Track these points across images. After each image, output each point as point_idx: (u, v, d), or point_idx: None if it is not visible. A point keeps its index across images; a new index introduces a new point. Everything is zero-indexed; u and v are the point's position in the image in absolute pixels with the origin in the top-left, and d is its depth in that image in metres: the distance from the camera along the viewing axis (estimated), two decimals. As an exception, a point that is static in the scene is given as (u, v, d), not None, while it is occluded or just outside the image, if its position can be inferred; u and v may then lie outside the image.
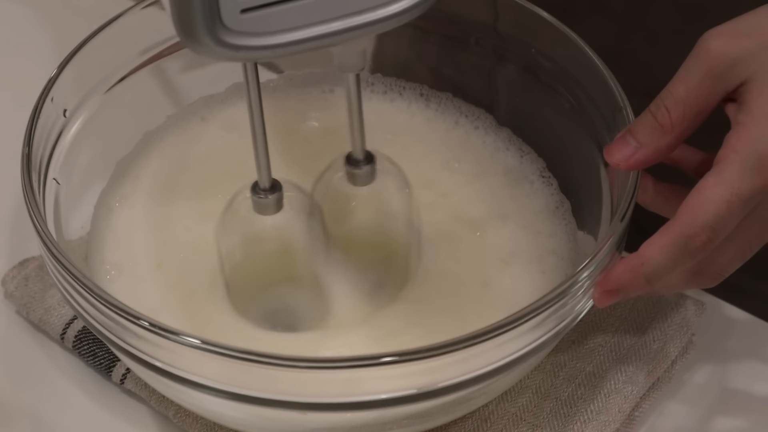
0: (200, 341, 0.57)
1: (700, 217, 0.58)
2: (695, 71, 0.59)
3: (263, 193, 0.62)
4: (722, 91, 0.59)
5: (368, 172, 0.64)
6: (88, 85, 0.70)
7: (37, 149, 0.65)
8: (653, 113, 0.60)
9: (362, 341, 0.65)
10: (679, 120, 0.60)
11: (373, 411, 0.59)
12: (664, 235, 0.59)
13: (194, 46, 0.52)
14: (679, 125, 0.60)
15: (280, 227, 0.64)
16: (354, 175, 0.64)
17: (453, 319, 0.66)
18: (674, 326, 0.71)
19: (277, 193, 0.62)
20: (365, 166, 0.63)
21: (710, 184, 0.58)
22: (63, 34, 0.73)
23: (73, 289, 0.60)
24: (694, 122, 0.60)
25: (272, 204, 0.62)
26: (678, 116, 0.60)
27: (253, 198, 0.62)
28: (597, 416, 0.68)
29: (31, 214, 0.62)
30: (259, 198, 0.62)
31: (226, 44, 0.52)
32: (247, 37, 0.52)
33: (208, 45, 0.52)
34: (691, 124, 0.60)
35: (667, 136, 0.60)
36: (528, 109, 0.74)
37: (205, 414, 0.66)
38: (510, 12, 0.72)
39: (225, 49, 0.52)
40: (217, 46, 0.52)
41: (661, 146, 0.61)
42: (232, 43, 0.52)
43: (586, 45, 0.69)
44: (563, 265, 0.69)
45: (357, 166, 0.63)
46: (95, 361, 0.70)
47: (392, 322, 0.66)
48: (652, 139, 0.61)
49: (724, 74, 0.59)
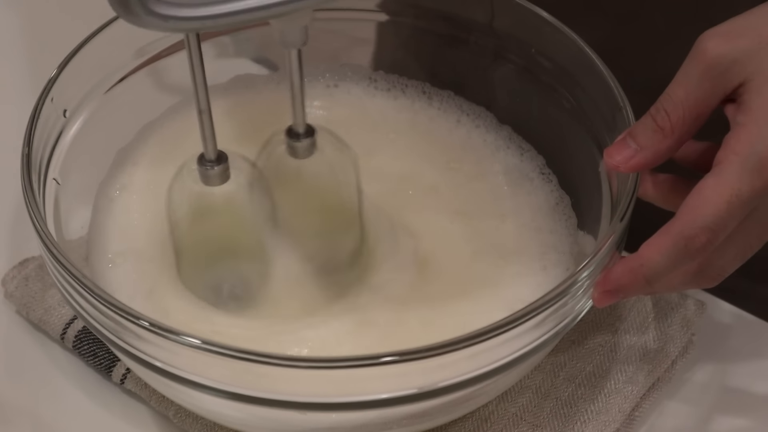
0: (200, 341, 0.57)
1: (699, 219, 0.58)
2: (693, 74, 0.59)
3: (209, 164, 0.63)
4: (721, 93, 0.59)
5: (308, 145, 0.64)
6: (88, 85, 0.70)
7: (37, 149, 0.65)
8: (653, 116, 0.61)
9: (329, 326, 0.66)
10: (679, 123, 0.60)
11: (373, 411, 0.59)
12: (663, 236, 0.59)
13: (126, 15, 0.53)
14: (679, 128, 0.60)
15: (226, 198, 0.64)
16: (294, 147, 0.64)
17: (454, 317, 0.66)
18: (674, 326, 0.71)
19: (223, 164, 0.63)
20: (305, 139, 0.64)
21: (710, 186, 0.58)
22: (63, 34, 0.72)
23: (73, 289, 0.60)
24: (694, 125, 0.60)
25: (218, 174, 0.63)
26: (678, 119, 0.60)
27: (199, 169, 0.63)
28: (597, 416, 0.68)
29: (31, 214, 0.62)
30: (206, 169, 0.63)
31: (156, 14, 0.53)
32: (176, 8, 0.53)
33: (139, 15, 0.53)
34: (691, 127, 0.60)
35: (667, 140, 0.61)
36: (528, 108, 0.74)
37: (205, 414, 0.66)
38: (510, 12, 0.72)
39: (155, 18, 0.53)
40: (147, 15, 0.53)
41: (661, 149, 0.61)
42: (161, 13, 0.53)
43: (586, 45, 0.69)
44: (564, 260, 0.69)
45: (297, 138, 0.64)
46: (95, 361, 0.70)
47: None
48: (653, 142, 0.61)
49: (722, 75, 0.59)
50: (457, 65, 0.76)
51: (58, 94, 0.67)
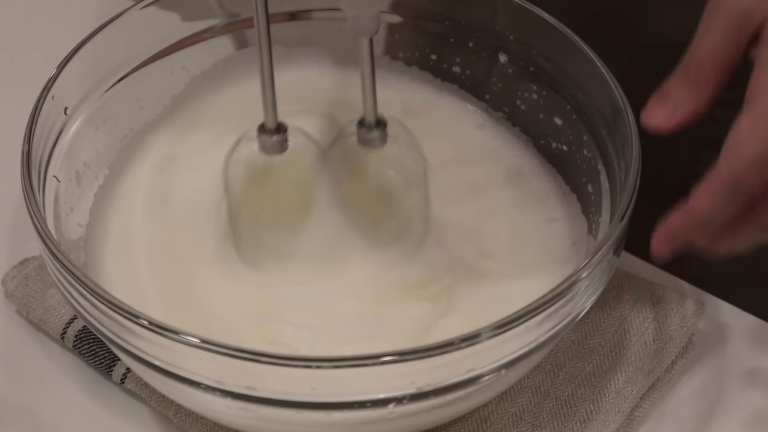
0: (200, 340, 0.57)
1: (744, 156, 0.58)
2: (716, 24, 0.60)
3: (269, 133, 0.64)
4: (747, 37, 0.60)
5: (379, 136, 0.65)
6: (90, 83, 0.70)
7: (38, 147, 0.65)
8: (685, 72, 0.61)
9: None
10: (712, 75, 0.60)
11: (372, 410, 0.59)
12: (711, 179, 0.59)
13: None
14: (714, 79, 0.60)
15: (284, 166, 0.66)
16: (365, 139, 0.65)
17: (456, 316, 0.66)
18: (674, 326, 0.71)
19: (283, 134, 0.65)
20: (376, 130, 0.65)
21: (745, 126, 0.58)
22: (63, 34, 0.73)
23: (73, 288, 0.60)
24: (726, 75, 0.60)
25: (277, 143, 0.65)
26: (710, 71, 0.60)
27: (259, 137, 0.65)
28: (597, 416, 0.68)
29: (31, 213, 0.62)
30: (265, 137, 0.64)
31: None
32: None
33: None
34: (724, 77, 0.60)
35: (703, 93, 0.61)
36: (528, 108, 0.74)
37: (205, 413, 0.66)
38: (511, 12, 0.73)
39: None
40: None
41: (699, 104, 0.61)
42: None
43: (586, 45, 0.69)
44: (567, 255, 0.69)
45: (368, 130, 0.65)
46: (95, 361, 0.70)
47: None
48: (690, 96, 0.61)
49: (745, 19, 0.59)
50: (456, 66, 0.76)
51: (59, 91, 0.67)
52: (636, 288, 0.73)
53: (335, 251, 0.67)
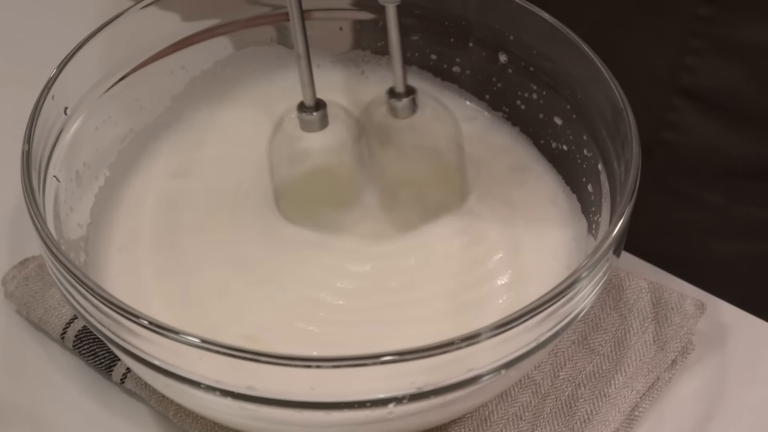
0: (200, 339, 0.57)
1: None
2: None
3: (308, 111, 0.66)
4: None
5: (408, 105, 0.66)
6: (90, 83, 0.70)
7: (38, 147, 0.65)
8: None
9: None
10: None
11: (372, 410, 0.59)
12: None
13: None
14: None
15: (326, 143, 0.67)
16: (395, 107, 0.67)
17: (456, 315, 0.66)
18: (674, 326, 0.71)
19: (322, 110, 0.66)
20: (405, 99, 0.66)
21: None
22: (63, 34, 0.73)
23: (73, 288, 0.60)
24: None
25: (317, 120, 0.66)
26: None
27: (299, 116, 0.66)
28: (597, 416, 0.68)
29: (31, 213, 0.62)
30: (305, 115, 0.66)
31: None
32: None
33: None
34: None
35: None
36: (528, 108, 0.74)
37: (205, 413, 0.66)
38: (511, 13, 0.73)
39: None
40: None
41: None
42: None
43: (586, 46, 0.69)
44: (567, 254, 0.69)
45: (398, 98, 0.66)
46: (95, 361, 0.70)
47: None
48: None
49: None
50: (456, 65, 0.77)
51: (60, 91, 0.67)
52: (636, 288, 0.73)
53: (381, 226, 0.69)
